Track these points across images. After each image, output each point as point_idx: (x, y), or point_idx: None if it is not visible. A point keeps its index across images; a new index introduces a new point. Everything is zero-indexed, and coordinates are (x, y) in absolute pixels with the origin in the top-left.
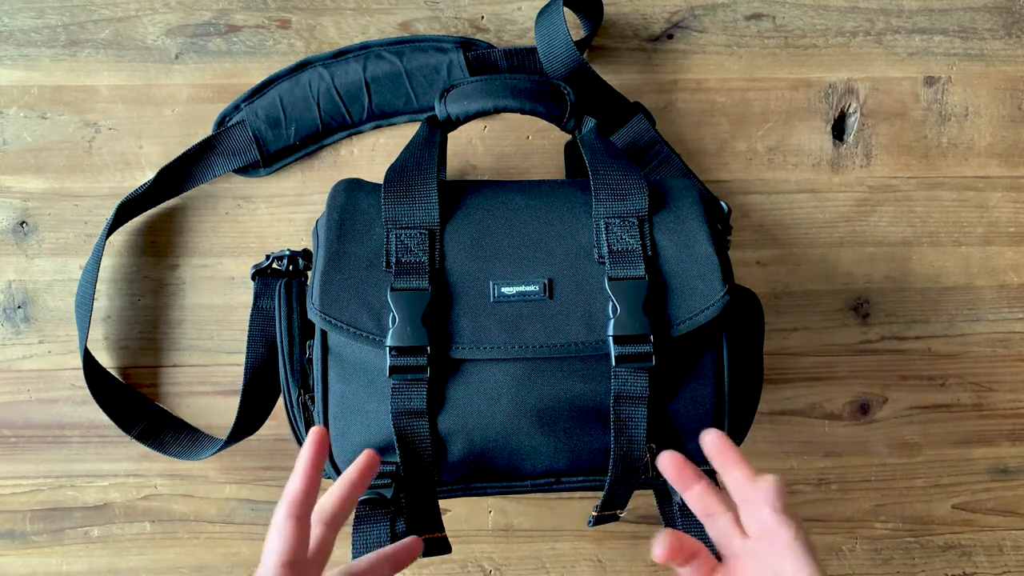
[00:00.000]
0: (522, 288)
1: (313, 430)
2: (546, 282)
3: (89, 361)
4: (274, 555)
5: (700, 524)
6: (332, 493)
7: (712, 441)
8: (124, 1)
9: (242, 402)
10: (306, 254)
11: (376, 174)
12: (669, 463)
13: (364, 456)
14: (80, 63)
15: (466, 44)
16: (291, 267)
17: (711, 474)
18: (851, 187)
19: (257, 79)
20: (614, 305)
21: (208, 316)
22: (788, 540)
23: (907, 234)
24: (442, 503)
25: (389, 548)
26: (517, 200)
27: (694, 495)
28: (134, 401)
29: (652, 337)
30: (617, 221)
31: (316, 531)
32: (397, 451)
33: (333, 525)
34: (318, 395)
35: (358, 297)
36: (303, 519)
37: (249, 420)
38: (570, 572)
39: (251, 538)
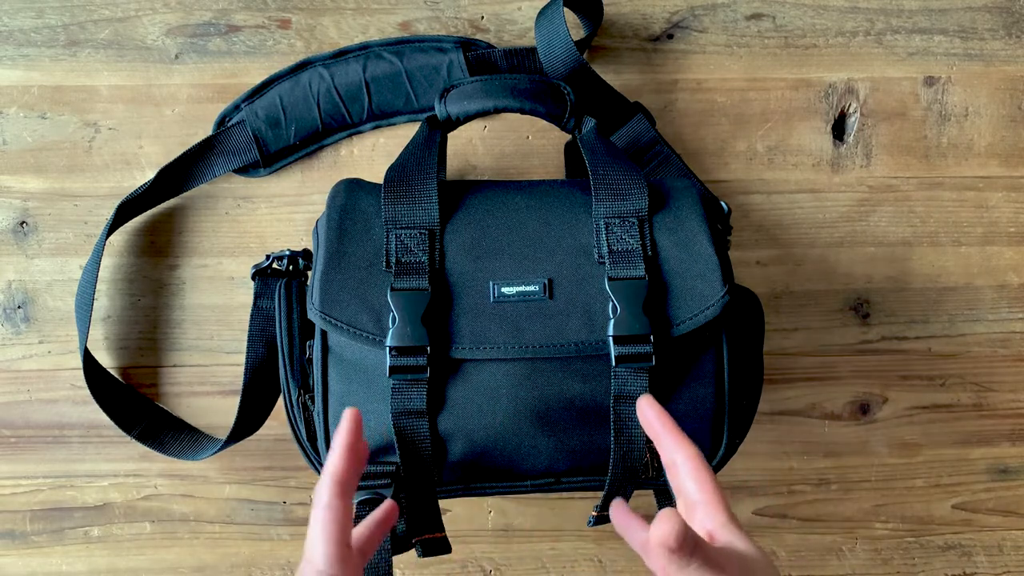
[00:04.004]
0: (522, 288)
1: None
2: (546, 282)
3: (89, 361)
4: (327, 543)
5: None
6: (336, 461)
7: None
8: (124, 1)
9: (242, 402)
10: (306, 254)
11: (376, 174)
12: (648, 408)
13: (347, 415)
14: (80, 63)
15: (466, 44)
16: (291, 267)
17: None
18: (851, 187)
19: (257, 79)
20: (614, 305)
21: (208, 316)
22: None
23: (907, 234)
24: (442, 503)
25: (374, 515)
26: (517, 200)
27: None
28: (134, 401)
29: (652, 337)
30: (617, 221)
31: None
32: (397, 451)
33: (349, 493)
34: (318, 395)
35: (358, 297)
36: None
37: (249, 420)
38: (570, 572)
39: (251, 538)
